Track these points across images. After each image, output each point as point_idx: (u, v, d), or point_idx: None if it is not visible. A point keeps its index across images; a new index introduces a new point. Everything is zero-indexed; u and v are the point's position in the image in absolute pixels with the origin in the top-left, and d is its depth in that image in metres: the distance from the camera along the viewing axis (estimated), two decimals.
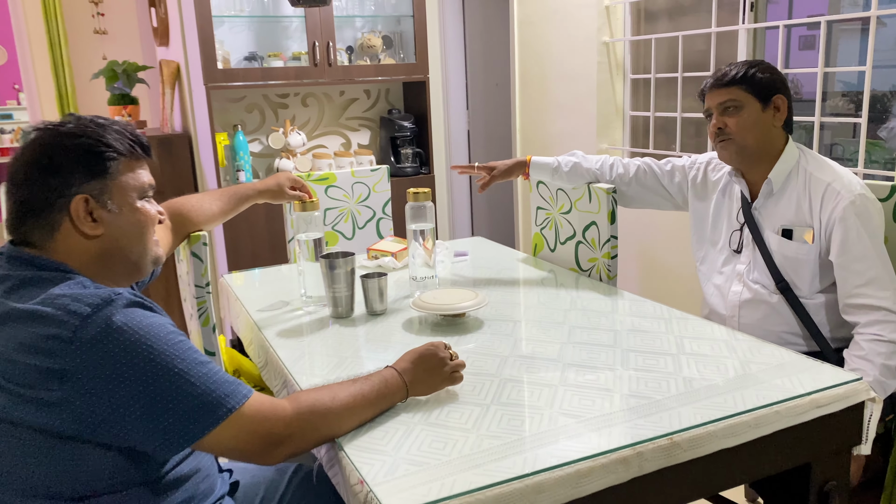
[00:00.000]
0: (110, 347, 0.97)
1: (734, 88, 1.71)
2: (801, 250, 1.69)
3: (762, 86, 1.71)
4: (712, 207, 1.88)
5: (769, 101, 1.71)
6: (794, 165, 1.74)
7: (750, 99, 1.71)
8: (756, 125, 1.71)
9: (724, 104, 1.73)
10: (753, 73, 1.71)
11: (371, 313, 1.76)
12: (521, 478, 1.02)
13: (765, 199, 1.77)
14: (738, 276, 1.81)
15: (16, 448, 0.98)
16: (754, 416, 1.19)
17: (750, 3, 2.49)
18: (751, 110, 1.71)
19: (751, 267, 1.79)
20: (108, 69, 3.68)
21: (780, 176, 1.73)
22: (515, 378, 1.36)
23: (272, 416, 1.08)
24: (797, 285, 1.72)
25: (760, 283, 1.77)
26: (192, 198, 1.71)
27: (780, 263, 1.73)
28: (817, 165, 1.71)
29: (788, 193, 1.73)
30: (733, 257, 1.84)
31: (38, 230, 1.08)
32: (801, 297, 1.72)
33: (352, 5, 3.64)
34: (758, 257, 1.77)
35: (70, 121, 1.11)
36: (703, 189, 1.92)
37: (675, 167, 1.98)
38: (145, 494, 1.07)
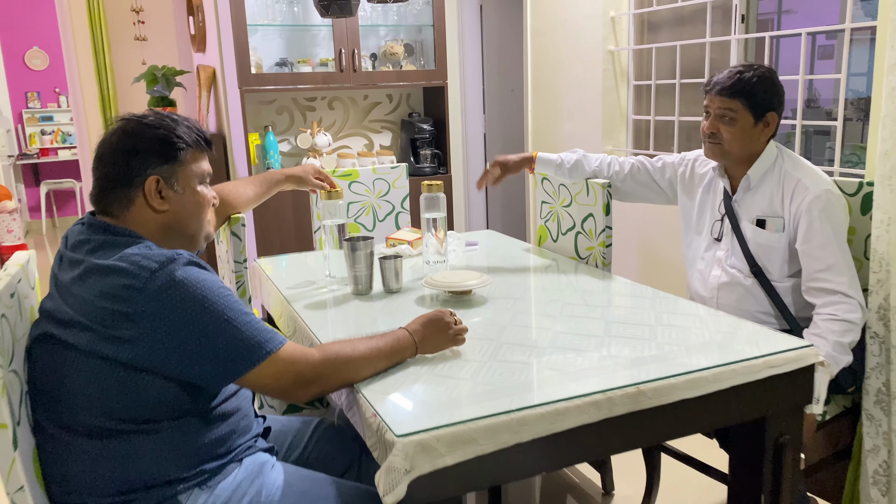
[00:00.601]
0: (173, 296, 1.20)
1: (735, 101, 1.85)
2: (772, 238, 1.88)
3: (760, 103, 1.85)
4: (698, 200, 2.08)
5: (762, 117, 1.87)
6: (772, 164, 1.92)
7: (745, 113, 1.86)
8: (744, 136, 1.88)
9: (721, 111, 1.88)
10: (756, 89, 1.84)
11: (388, 291, 1.97)
12: (508, 413, 1.23)
13: (743, 193, 1.95)
14: (718, 261, 2.00)
15: (98, 377, 1.20)
16: (713, 373, 1.38)
17: (741, 16, 2.68)
18: (744, 124, 1.87)
19: (729, 253, 1.98)
20: (148, 73, 3.95)
21: (758, 172, 1.92)
22: (510, 342, 1.56)
23: (303, 360, 1.29)
24: (769, 270, 1.91)
25: (737, 267, 1.96)
26: (229, 184, 1.94)
27: (755, 250, 1.92)
28: (792, 164, 1.90)
29: (764, 188, 1.91)
30: (714, 245, 2.03)
31: (116, 202, 1.31)
32: (773, 281, 1.90)
33: (376, 15, 3.87)
34: (735, 245, 1.96)
35: (150, 114, 1.35)
36: (690, 184, 2.11)
37: (665, 164, 2.18)
38: (197, 423, 1.29)
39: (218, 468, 1.32)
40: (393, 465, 1.15)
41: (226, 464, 1.33)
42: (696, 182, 2.09)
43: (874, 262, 1.81)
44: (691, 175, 2.12)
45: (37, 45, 7.70)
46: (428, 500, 1.19)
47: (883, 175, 1.77)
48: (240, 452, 1.37)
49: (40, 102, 7.84)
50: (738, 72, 1.87)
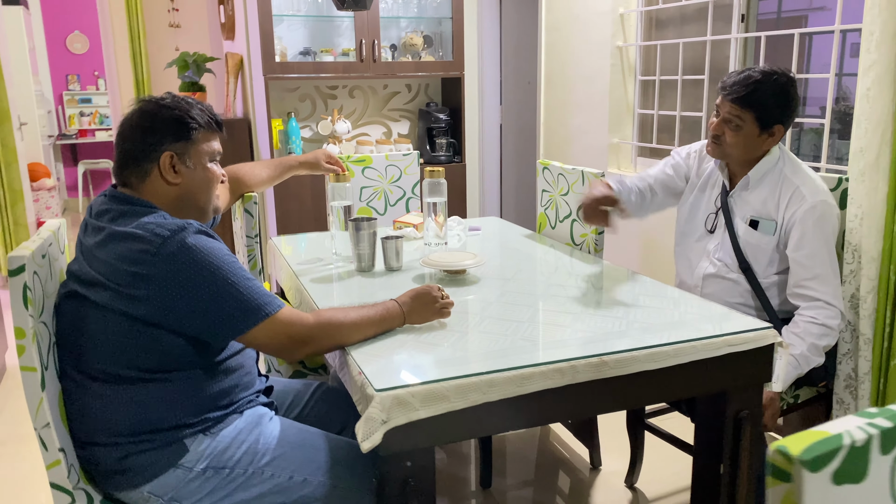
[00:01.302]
0: (182, 260, 1.35)
1: (745, 111, 1.86)
2: (762, 240, 1.94)
3: (769, 114, 1.86)
4: (696, 190, 2.13)
5: (769, 128, 1.88)
6: (773, 166, 1.95)
7: (752, 123, 1.88)
8: (747, 144, 1.91)
9: (728, 117, 1.89)
10: (769, 102, 1.85)
11: (388, 269, 2.11)
12: (478, 374, 1.36)
13: (741, 191, 1.99)
14: (707, 253, 2.07)
15: (116, 331, 1.36)
16: (674, 348, 1.50)
17: (741, 15, 2.76)
18: (749, 132, 1.89)
19: (719, 247, 2.04)
20: (180, 59, 4.13)
21: (759, 174, 1.96)
22: (494, 316, 1.69)
23: (298, 323, 1.44)
24: (755, 268, 1.97)
25: (724, 262, 2.02)
26: (246, 165, 2.10)
27: (744, 248, 1.98)
28: (793, 169, 1.93)
29: (761, 188, 1.96)
30: (706, 236, 2.09)
31: (134, 175, 1.47)
32: (758, 278, 1.98)
33: (397, 7, 4.01)
34: (726, 240, 2.02)
35: (167, 97, 1.50)
36: (695, 179, 2.15)
37: (676, 164, 2.19)
38: (203, 375, 1.44)
39: (221, 417, 1.47)
40: (371, 416, 1.29)
41: (228, 414, 1.49)
42: (699, 173, 2.14)
43: (847, 254, 1.91)
44: (697, 166, 2.15)
45: (78, 30, 7.97)
46: (403, 450, 1.33)
47: (857, 171, 1.87)
48: (241, 405, 1.52)
49: (80, 85, 8.12)
50: (755, 80, 1.86)
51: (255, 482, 1.45)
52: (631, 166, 3.53)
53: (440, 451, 2.64)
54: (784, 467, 0.58)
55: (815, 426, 0.62)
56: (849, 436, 0.60)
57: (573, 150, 3.77)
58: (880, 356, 1.92)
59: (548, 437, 2.72)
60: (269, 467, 1.46)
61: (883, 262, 1.88)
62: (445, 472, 2.50)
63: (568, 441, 2.67)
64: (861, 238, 1.87)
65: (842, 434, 0.60)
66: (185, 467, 1.41)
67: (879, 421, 0.62)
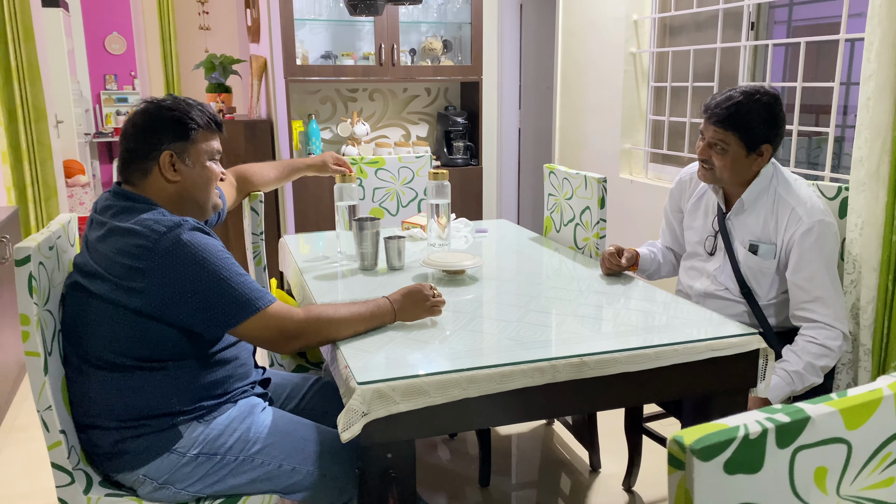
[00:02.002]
0: (177, 256, 1.41)
1: (728, 133, 1.84)
2: (763, 264, 1.92)
3: (755, 136, 1.84)
4: (691, 211, 2.13)
5: (756, 148, 1.86)
6: (767, 185, 1.92)
7: (738, 146, 1.85)
8: (735, 166, 1.88)
9: (713, 141, 1.87)
10: (752, 122, 1.83)
11: (391, 268, 2.16)
12: (458, 371, 1.40)
13: (737, 213, 1.97)
14: (708, 274, 2.05)
15: (114, 321, 1.43)
16: (655, 351, 1.52)
17: (751, 23, 2.76)
18: (735, 155, 1.87)
19: (720, 270, 2.02)
20: (207, 61, 4.24)
21: (752, 196, 1.93)
22: (485, 315, 1.73)
23: (288, 317, 1.50)
24: (757, 292, 1.96)
25: (725, 285, 2.00)
26: (255, 165, 2.17)
27: (745, 272, 1.96)
28: (786, 188, 1.90)
29: (758, 210, 1.93)
30: (707, 258, 2.08)
31: (136, 173, 1.54)
32: (759, 301, 1.96)
33: (418, 12, 4.07)
34: (727, 264, 2.00)
35: (168, 98, 1.57)
36: (688, 198, 2.16)
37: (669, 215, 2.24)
38: (197, 365, 1.51)
39: (215, 406, 1.54)
40: (352, 408, 1.34)
41: (222, 403, 1.55)
42: (694, 192, 2.14)
43: (848, 264, 1.90)
44: (690, 187, 2.15)
45: (116, 31, 8.19)
46: (383, 441, 1.38)
47: (857, 181, 1.87)
48: (235, 395, 1.59)
49: (117, 84, 8.34)
50: (736, 102, 1.84)
51: (246, 469, 1.51)
52: (643, 172, 3.53)
53: (442, 448, 2.69)
54: (678, 455, 0.62)
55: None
56: (744, 428, 0.63)
57: (586, 155, 3.79)
58: (879, 366, 1.92)
59: (550, 439, 2.75)
60: (260, 455, 1.52)
61: (882, 272, 1.88)
62: (445, 468, 2.54)
63: (569, 443, 2.70)
64: (861, 248, 1.87)
65: (737, 427, 0.63)
66: (178, 452, 1.48)
67: (779, 416, 0.65)
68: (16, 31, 3.99)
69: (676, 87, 3.32)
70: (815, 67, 2.67)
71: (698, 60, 3.16)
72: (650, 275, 2.23)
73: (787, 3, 2.87)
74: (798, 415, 0.66)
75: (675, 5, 3.29)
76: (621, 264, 2.02)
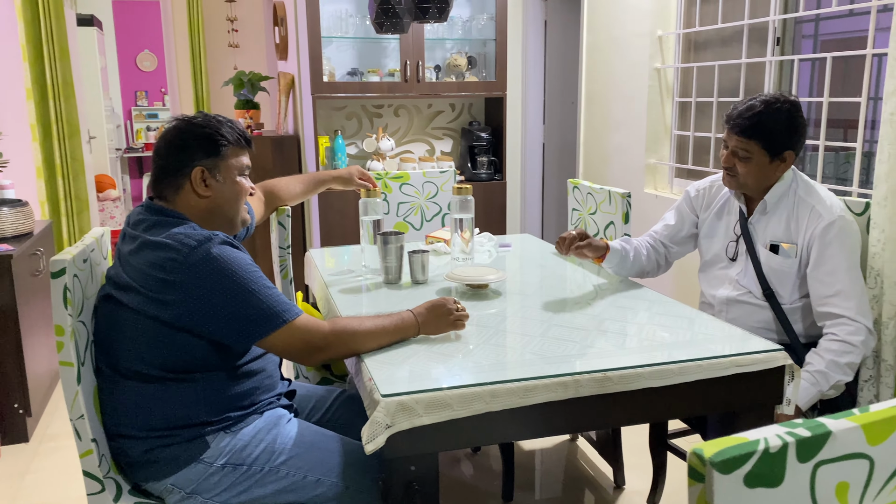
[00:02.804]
0: (208, 269, 1.45)
1: (751, 142, 1.88)
2: (785, 264, 1.94)
3: (777, 143, 1.87)
4: (711, 220, 2.14)
5: (779, 154, 1.89)
6: (787, 188, 1.96)
7: (761, 153, 1.89)
8: (760, 173, 1.92)
9: (736, 149, 1.92)
10: (773, 129, 1.86)
11: (415, 282, 2.18)
12: (481, 385, 1.41)
13: (759, 216, 2.00)
14: (731, 280, 2.07)
15: (145, 333, 1.47)
16: (679, 366, 1.52)
17: (776, 38, 2.76)
18: (759, 162, 1.91)
19: (743, 274, 2.03)
20: (236, 78, 4.32)
21: (774, 197, 1.97)
22: (508, 329, 1.74)
23: (314, 330, 1.52)
24: (780, 294, 1.97)
25: (748, 288, 2.02)
26: (281, 180, 2.21)
27: (767, 274, 1.98)
28: (806, 190, 1.94)
29: (780, 213, 1.96)
30: (729, 264, 2.09)
31: (168, 188, 1.58)
32: (783, 304, 1.97)
33: (443, 29, 4.11)
34: (749, 267, 2.02)
35: (199, 116, 1.62)
36: (707, 205, 2.17)
37: (680, 211, 2.21)
38: (225, 377, 1.54)
39: (241, 417, 1.56)
40: (376, 420, 1.36)
41: (248, 414, 1.58)
42: (713, 202, 2.15)
43: (871, 279, 1.89)
44: (709, 197, 2.17)
45: (148, 49, 8.38)
46: (407, 454, 1.39)
47: (881, 195, 1.85)
48: (262, 406, 1.61)
49: (147, 101, 8.51)
50: (757, 111, 1.87)
51: (271, 479, 1.53)
52: (668, 187, 3.53)
53: (465, 462, 2.69)
54: (698, 468, 0.63)
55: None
56: (764, 442, 0.64)
57: (611, 169, 3.79)
58: None
59: (574, 455, 2.74)
60: (285, 466, 1.54)
61: None
62: (468, 483, 2.54)
63: (593, 458, 2.68)
64: (884, 263, 1.85)
65: (758, 440, 0.64)
66: (205, 462, 1.50)
67: (800, 430, 0.65)
68: (52, 50, 4.11)
69: (701, 103, 3.32)
70: (842, 82, 2.65)
71: (723, 76, 3.16)
72: (615, 268, 2.15)
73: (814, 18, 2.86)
74: (819, 429, 0.66)
75: (699, 21, 3.29)
76: (581, 249, 2.01)
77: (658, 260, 2.22)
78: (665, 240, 2.22)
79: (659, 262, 2.22)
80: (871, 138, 2.53)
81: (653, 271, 2.22)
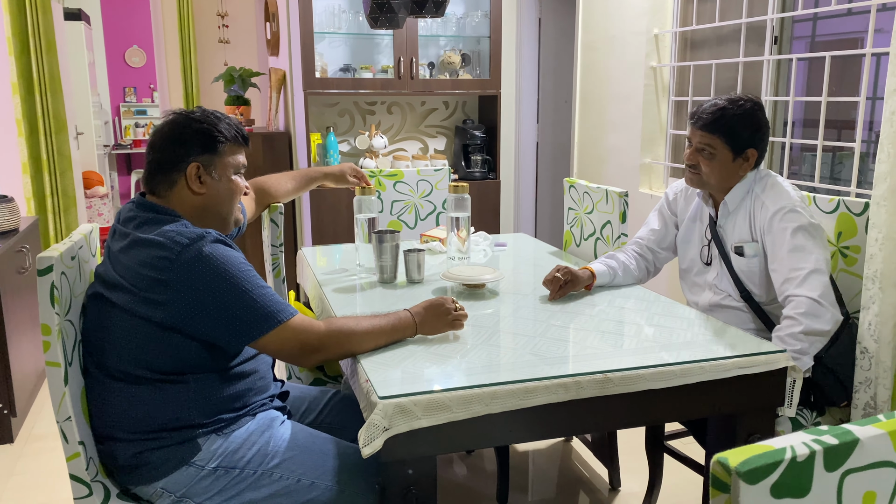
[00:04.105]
0: (200, 268, 1.41)
1: (715, 137, 1.89)
2: (751, 264, 1.94)
3: (740, 139, 1.88)
4: (686, 225, 2.13)
5: (742, 152, 1.90)
6: (748, 190, 1.96)
7: (724, 150, 1.89)
8: (723, 170, 1.92)
9: (700, 145, 1.92)
10: (737, 126, 1.87)
11: (410, 281, 2.15)
12: (480, 386, 1.38)
13: (725, 219, 2.00)
14: (709, 285, 2.06)
15: (135, 333, 1.43)
16: (681, 368, 1.50)
17: (774, 37, 2.74)
18: (722, 159, 1.91)
19: (719, 278, 2.03)
20: (226, 74, 4.27)
21: (735, 199, 1.96)
22: (506, 330, 1.71)
23: (310, 330, 1.48)
24: (756, 294, 1.96)
25: (727, 291, 2.01)
26: (273, 176, 2.17)
27: (740, 276, 1.97)
28: (762, 187, 1.94)
29: (742, 213, 1.96)
30: (704, 269, 2.08)
31: (162, 184, 1.54)
32: (762, 304, 1.96)
33: (437, 26, 4.08)
34: (724, 270, 2.01)
35: (197, 111, 1.57)
36: (683, 211, 2.16)
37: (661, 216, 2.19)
38: (217, 378, 1.50)
39: (234, 419, 1.52)
40: (373, 422, 1.33)
41: (241, 416, 1.54)
42: (686, 208, 2.14)
43: (867, 280, 1.87)
44: (685, 199, 2.16)
45: (136, 44, 8.28)
46: (405, 457, 1.36)
47: (878, 195, 1.83)
48: (254, 408, 1.57)
49: (136, 97, 8.42)
50: (720, 107, 1.89)
51: (264, 483, 1.49)
52: (663, 187, 3.51)
53: (459, 464, 2.66)
54: (723, 478, 0.60)
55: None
56: (791, 451, 0.61)
57: (606, 169, 3.77)
58: None
59: (568, 456, 2.72)
60: (279, 469, 1.50)
61: None
62: (462, 485, 2.51)
63: (588, 460, 2.66)
64: (881, 263, 1.83)
65: (784, 449, 0.61)
66: (197, 465, 1.46)
67: (826, 438, 0.63)
68: (38, 44, 4.04)
69: (698, 102, 3.30)
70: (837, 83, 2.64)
71: (720, 75, 3.14)
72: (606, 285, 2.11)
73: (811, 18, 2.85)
74: (846, 437, 0.63)
75: (696, 19, 3.28)
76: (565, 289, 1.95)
77: (647, 267, 2.20)
78: (653, 245, 2.20)
79: (649, 269, 2.21)
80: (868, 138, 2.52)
81: (643, 279, 2.20)
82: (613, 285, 2.11)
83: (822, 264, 1.81)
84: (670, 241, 2.20)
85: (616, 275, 2.09)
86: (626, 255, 2.17)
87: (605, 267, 2.08)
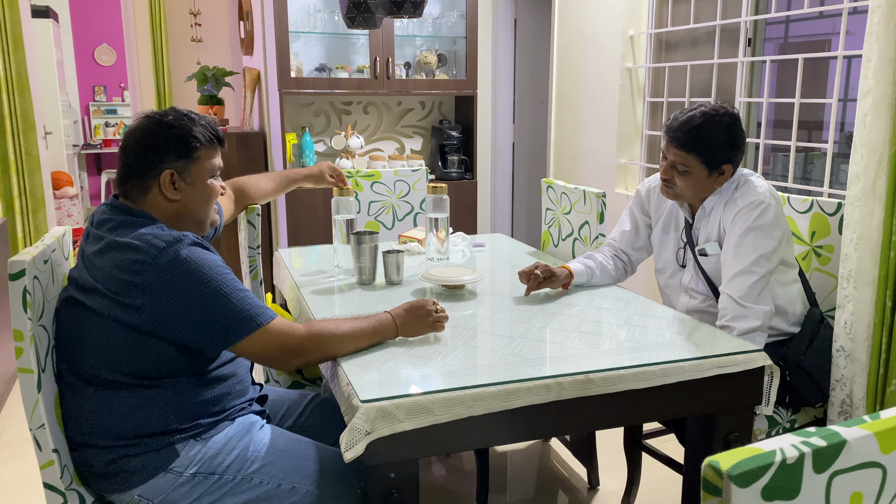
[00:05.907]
0: (177, 272, 1.38)
1: (690, 155, 1.86)
2: (716, 263, 1.94)
3: (715, 156, 1.86)
4: (660, 230, 2.13)
5: (717, 168, 1.87)
6: (728, 194, 1.93)
7: (700, 167, 1.87)
8: (698, 185, 1.91)
9: (675, 162, 1.89)
10: (712, 143, 1.84)
11: (389, 283, 2.14)
12: (463, 388, 1.38)
13: (700, 221, 2.00)
14: (685, 289, 2.07)
15: (111, 337, 1.40)
16: (661, 368, 1.51)
17: (748, 39, 2.78)
18: (697, 176, 1.89)
19: (694, 279, 2.03)
20: (199, 73, 4.22)
21: (711, 203, 1.96)
22: (487, 331, 1.71)
23: (290, 333, 1.47)
24: None
25: (701, 292, 2.01)
26: (252, 177, 2.14)
27: (712, 276, 1.98)
28: (736, 187, 1.92)
29: (716, 216, 1.96)
30: (679, 271, 2.09)
31: (135, 189, 1.51)
32: None
33: (413, 26, 4.07)
34: (698, 271, 2.01)
35: (171, 113, 1.54)
36: (658, 209, 2.15)
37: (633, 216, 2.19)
38: (195, 383, 1.48)
39: (212, 424, 1.50)
40: (355, 426, 1.31)
41: (219, 421, 1.52)
42: (661, 206, 2.14)
43: (842, 279, 1.90)
44: (658, 199, 2.14)
45: (106, 42, 8.14)
46: (387, 461, 1.35)
47: (853, 196, 1.87)
48: (233, 412, 1.55)
49: (106, 96, 8.28)
50: (696, 124, 1.85)
51: (244, 489, 1.47)
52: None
53: (438, 465, 2.65)
54: (714, 482, 0.60)
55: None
56: (781, 453, 0.61)
57: (582, 169, 3.79)
58: (875, 382, 1.91)
59: (547, 456, 2.72)
60: (258, 474, 1.49)
61: (879, 288, 1.87)
62: (442, 487, 2.51)
63: (566, 460, 2.67)
64: (856, 262, 1.86)
65: (774, 451, 0.61)
66: (175, 472, 1.44)
67: (815, 440, 0.63)
68: (5, 42, 3.95)
69: (672, 103, 3.33)
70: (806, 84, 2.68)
71: (695, 76, 3.18)
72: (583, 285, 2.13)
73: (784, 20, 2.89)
74: (834, 438, 0.64)
75: (671, 21, 3.30)
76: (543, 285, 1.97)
77: (624, 267, 2.20)
78: (625, 247, 2.20)
79: (626, 269, 2.21)
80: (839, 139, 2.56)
81: (621, 278, 2.21)
82: (591, 285, 2.11)
83: (760, 266, 1.81)
84: (643, 241, 2.20)
85: (594, 274, 2.09)
86: (603, 255, 2.18)
87: (583, 266, 2.08)
